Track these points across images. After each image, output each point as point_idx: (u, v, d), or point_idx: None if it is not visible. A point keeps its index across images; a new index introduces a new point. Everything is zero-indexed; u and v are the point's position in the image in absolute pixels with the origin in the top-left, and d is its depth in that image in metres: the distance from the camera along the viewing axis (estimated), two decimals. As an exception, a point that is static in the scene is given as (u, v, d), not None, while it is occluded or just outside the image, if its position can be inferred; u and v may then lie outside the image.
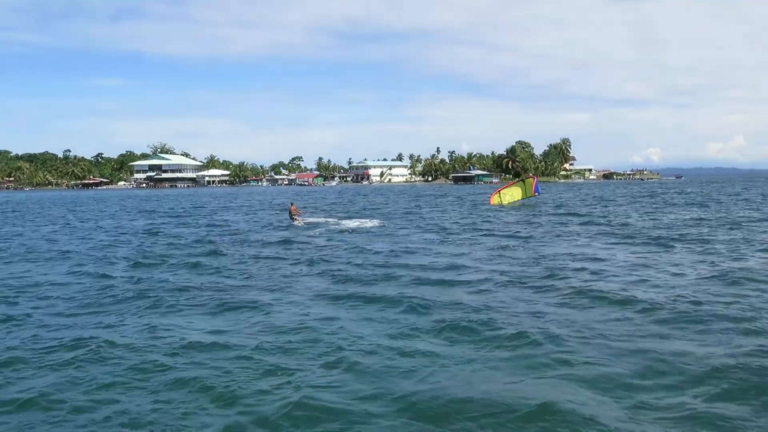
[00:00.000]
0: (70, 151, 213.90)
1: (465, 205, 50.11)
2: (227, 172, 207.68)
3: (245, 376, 7.61)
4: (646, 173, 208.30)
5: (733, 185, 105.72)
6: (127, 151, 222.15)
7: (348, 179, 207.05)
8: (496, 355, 8.28)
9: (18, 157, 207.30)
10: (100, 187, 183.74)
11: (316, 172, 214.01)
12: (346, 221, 31.23)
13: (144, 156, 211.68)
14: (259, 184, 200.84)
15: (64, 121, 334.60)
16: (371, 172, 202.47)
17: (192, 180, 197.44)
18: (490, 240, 22.43)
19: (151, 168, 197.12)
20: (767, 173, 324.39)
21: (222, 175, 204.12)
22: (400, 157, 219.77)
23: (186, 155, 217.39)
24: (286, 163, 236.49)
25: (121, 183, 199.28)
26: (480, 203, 52.25)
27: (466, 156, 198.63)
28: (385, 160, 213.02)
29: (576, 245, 20.37)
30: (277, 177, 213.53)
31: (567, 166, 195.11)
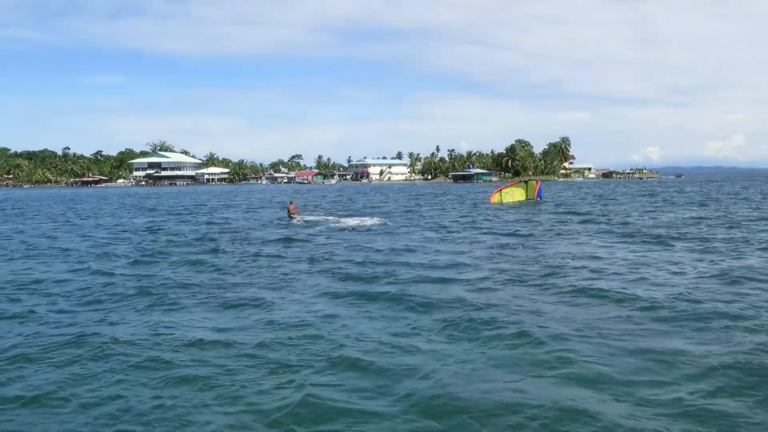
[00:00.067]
0: (70, 149, 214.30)
1: (465, 204, 50.13)
2: (227, 170, 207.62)
3: (248, 374, 7.64)
4: (645, 172, 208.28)
5: (732, 184, 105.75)
6: (126, 149, 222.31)
7: (347, 177, 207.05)
8: (496, 353, 8.31)
9: (17, 155, 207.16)
10: (99, 185, 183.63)
11: (316, 171, 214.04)
12: (346, 219, 31.26)
13: (143, 154, 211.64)
14: (259, 182, 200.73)
15: (63, 119, 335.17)
16: (371, 170, 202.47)
17: (191, 178, 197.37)
18: (490, 238, 22.47)
19: (151, 166, 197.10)
20: (767, 172, 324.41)
21: (221, 173, 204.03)
22: (399, 156, 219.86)
23: (185, 153, 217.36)
24: (285, 161, 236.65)
25: (120, 181, 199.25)
26: (480, 202, 52.30)
27: (465, 155, 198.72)
28: (384, 158, 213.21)
29: (576, 244, 20.41)
30: (276, 175, 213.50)
31: (566, 164, 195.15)
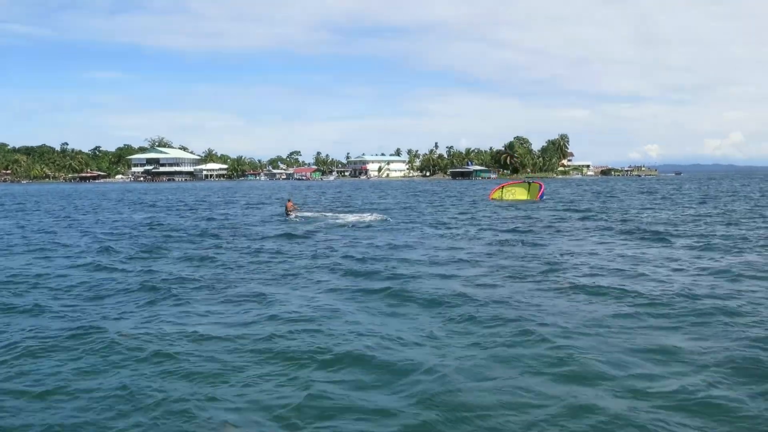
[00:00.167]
0: (68, 145, 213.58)
1: (464, 200, 50.20)
2: (225, 166, 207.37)
3: (252, 369, 7.69)
4: (644, 170, 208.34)
5: (731, 181, 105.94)
6: (124, 145, 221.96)
7: (346, 174, 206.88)
8: (497, 348, 8.35)
9: (15, 150, 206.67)
10: (97, 181, 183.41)
11: (314, 167, 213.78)
12: (346, 215, 31.30)
13: (142, 150, 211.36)
14: (257, 178, 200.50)
15: (61, 114, 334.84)
16: (369, 167, 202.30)
17: (190, 174, 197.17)
18: (490, 234, 22.53)
19: (149, 162, 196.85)
20: (765, 170, 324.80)
21: (220, 170, 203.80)
22: (398, 153, 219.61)
23: (184, 149, 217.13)
24: (284, 157, 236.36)
25: (118, 177, 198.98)
26: (479, 199, 52.36)
27: (464, 151, 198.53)
28: (383, 155, 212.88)
29: (575, 240, 20.49)
30: (275, 171, 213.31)
31: (565, 162, 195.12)
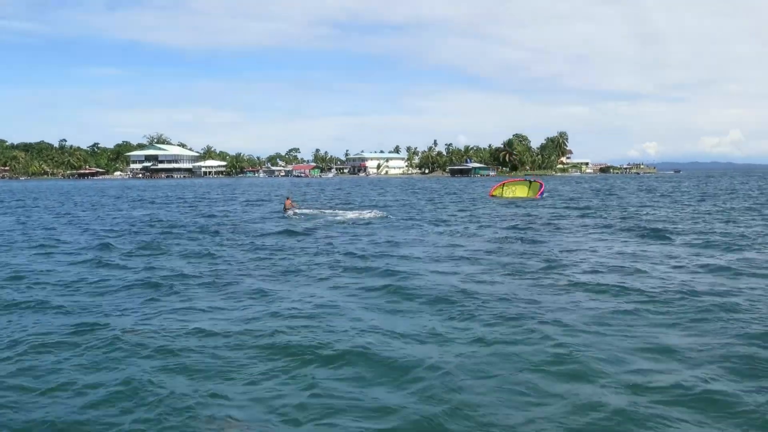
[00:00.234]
0: (66, 141, 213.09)
1: (463, 198, 50.26)
2: (224, 163, 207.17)
3: (255, 365, 7.72)
4: (642, 167, 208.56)
5: (730, 179, 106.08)
6: (123, 142, 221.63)
7: (345, 171, 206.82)
8: (498, 345, 8.38)
9: (13, 147, 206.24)
10: (95, 178, 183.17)
11: (313, 164, 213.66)
12: (346, 212, 31.36)
13: (140, 146, 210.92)
14: (256, 175, 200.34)
15: (60, 111, 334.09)
16: (368, 164, 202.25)
17: (188, 171, 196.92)
18: (489, 231, 22.59)
19: (148, 158, 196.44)
20: (764, 168, 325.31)
21: (219, 166, 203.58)
22: (397, 150, 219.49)
23: (182, 146, 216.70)
24: (283, 154, 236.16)
25: (117, 173, 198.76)
26: (479, 196, 52.42)
27: (463, 149, 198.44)
28: (382, 152, 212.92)
29: (575, 237, 20.55)
30: (273, 168, 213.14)
31: (564, 159, 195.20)
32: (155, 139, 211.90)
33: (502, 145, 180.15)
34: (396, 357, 7.87)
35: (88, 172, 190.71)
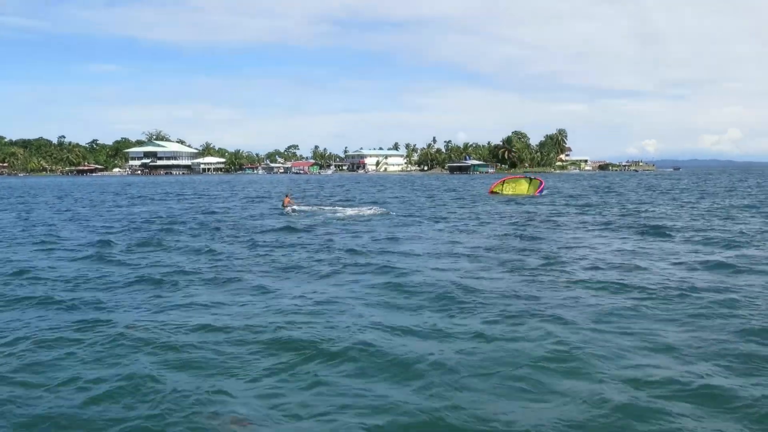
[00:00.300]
0: (65, 137, 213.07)
1: (462, 194, 50.28)
2: (223, 160, 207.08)
3: (258, 361, 7.75)
4: (641, 165, 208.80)
5: (730, 177, 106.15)
6: (122, 138, 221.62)
7: (344, 168, 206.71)
8: (498, 341, 8.40)
9: (12, 143, 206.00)
10: (94, 174, 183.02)
11: (312, 161, 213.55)
12: (345, 209, 31.38)
13: (139, 143, 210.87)
14: (255, 172, 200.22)
15: (58, 107, 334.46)
16: (367, 161, 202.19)
17: (187, 167, 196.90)
18: (489, 228, 22.63)
19: (146, 155, 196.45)
20: (762, 166, 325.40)
21: (217, 163, 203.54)
22: (396, 147, 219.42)
23: (181, 142, 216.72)
24: (281, 151, 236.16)
25: (116, 170, 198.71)
26: (478, 192, 52.45)
27: (462, 146, 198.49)
28: (381, 149, 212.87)
29: (575, 234, 20.60)
30: (272, 165, 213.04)
31: (563, 156, 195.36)
32: (154, 136, 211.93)
33: (501, 143, 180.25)
34: (397, 353, 7.90)
35: (86, 168, 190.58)
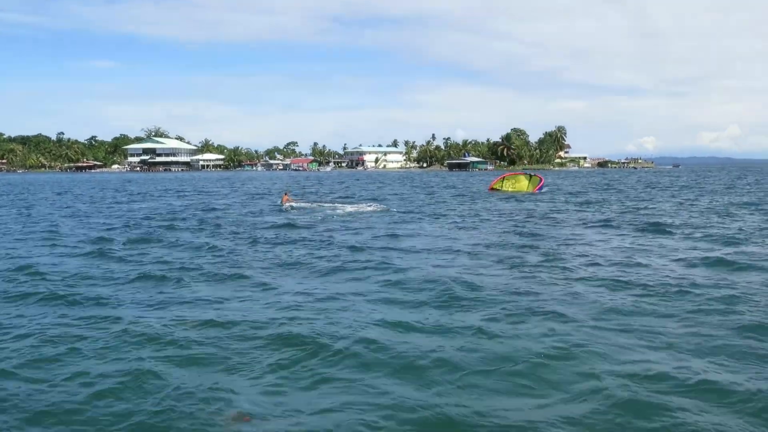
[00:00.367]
0: (64, 134, 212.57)
1: (462, 191, 50.32)
2: (222, 157, 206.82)
3: (261, 358, 7.78)
4: (640, 162, 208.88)
5: (729, 174, 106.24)
6: (121, 135, 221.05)
7: (343, 165, 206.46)
8: (499, 338, 8.44)
9: (11, 140, 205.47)
10: (93, 171, 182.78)
11: (311, 158, 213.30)
12: (345, 206, 31.40)
13: (138, 139, 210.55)
14: (254, 168, 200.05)
15: (57, 104, 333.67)
16: (366, 158, 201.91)
17: (186, 164, 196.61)
18: (489, 225, 22.69)
19: (145, 152, 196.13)
20: (761, 163, 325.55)
21: (216, 160, 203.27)
22: (395, 144, 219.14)
23: (180, 139, 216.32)
24: (281, 148, 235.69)
25: (114, 166, 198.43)
26: (477, 189, 52.49)
27: (461, 143, 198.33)
28: (380, 146, 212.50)
29: (574, 231, 20.65)
30: (272, 162, 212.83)
31: (562, 154, 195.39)
32: (153, 133, 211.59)
33: (500, 140, 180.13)
34: (399, 349, 7.94)
35: (85, 165, 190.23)
